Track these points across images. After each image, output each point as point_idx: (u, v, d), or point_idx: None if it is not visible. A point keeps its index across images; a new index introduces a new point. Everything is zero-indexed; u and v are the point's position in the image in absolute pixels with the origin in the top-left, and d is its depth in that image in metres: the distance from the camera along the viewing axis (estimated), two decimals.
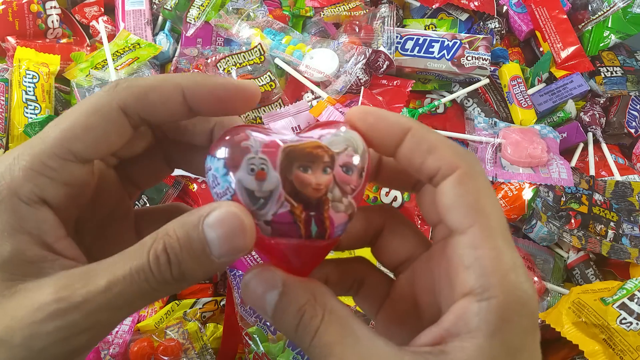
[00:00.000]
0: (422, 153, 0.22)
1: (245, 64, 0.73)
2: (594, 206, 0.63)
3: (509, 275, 0.20)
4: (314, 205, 0.21)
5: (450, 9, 0.84)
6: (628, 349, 0.48)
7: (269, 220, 0.21)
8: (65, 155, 0.21)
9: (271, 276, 0.22)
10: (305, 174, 0.21)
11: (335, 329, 0.20)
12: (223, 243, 0.20)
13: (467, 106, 0.77)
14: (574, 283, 0.64)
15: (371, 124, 0.23)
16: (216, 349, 0.55)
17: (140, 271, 0.20)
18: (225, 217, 0.20)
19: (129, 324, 0.53)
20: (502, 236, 0.21)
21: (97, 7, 0.83)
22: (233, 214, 0.20)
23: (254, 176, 0.20)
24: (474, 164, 0.22)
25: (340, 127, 0.22)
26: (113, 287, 0.20)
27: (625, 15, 0.82)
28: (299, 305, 0.21)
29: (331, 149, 0.21)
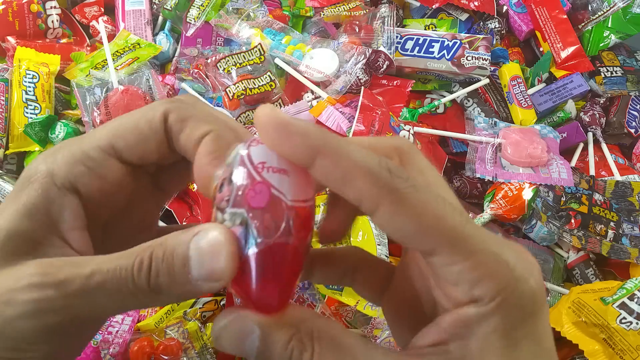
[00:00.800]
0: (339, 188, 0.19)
1: (245, 64, 0.73)
2: (594, 206, 0.64)
3: (500, 273, 0.19)
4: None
5: (450, 9, 0.84)
6: (628, 348, 0.48)
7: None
8: (107, 149, 0.23)
9: (243, 321, 0.20)
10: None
11: (330, 355, 0.19)
12: (203, 265, 0.19)
13: (467, 106, 0.77)
14: (574, 283, 0.64)
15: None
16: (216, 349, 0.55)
17: (124, 270, 0.20)
18: (213, 240, 0.19)
19: (129, 323, 0.53)
20: (466, 236, 0.19)
21: (97, 7, 0.83)
22: (220, 240, 0.19)
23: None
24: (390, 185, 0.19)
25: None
26: (95, 275, 0.20)
27: (625, 15, 0.82)
28: (284, 344, 0.19)
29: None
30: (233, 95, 0.69)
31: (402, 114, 0.72)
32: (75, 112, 0.71)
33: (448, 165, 0.72)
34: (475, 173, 0.67)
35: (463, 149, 0.72)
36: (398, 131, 0.65)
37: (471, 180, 0.69)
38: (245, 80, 0.70)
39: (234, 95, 0.69)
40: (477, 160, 0.68)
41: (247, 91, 0.69)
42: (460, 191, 0.70)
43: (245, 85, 0.70)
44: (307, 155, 0.19)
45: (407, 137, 0.66)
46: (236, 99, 0.69)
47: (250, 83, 0.70)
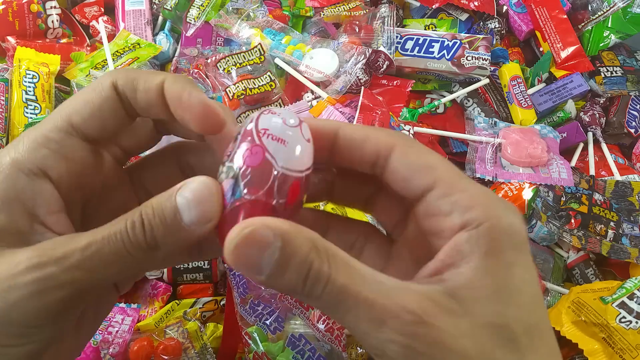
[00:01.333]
0: (358, 144, 0.24)
1: (245, 64, 0.73)
2: (594, 206, 0.64)
3: (489, 205, 0.21)
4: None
5: (450, 9, 0.84)
6: (627, 347, 0.48)
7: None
8: (65, 128, 0.23)
9: (265, 232, 0.19)
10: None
11: (344, 272, 0.20)
12: (192, 208, 0.21)
13: (467, 106, 0.77)
14: (574, 283, 0.64)
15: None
16: (216, 348, 0.55)
17: (118, 233, 0.21)
18: (195, 186, 0.21)
19: (129, 323, 0.53)
20: (464, 177, 0.22)
21: (97, 7, 0.83)
22: (203, 182, 0.21)
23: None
24: (405, 137, 0.24)
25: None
26: (92, 245, 0.21)
27: (625, 15, 0.82)
28: (304, 256, 0.19)
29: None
30: (233, 95, 0.69)
31: (402, 114, 0.72)
32: None
33: None
34: (475, 173, 0.67)
35: (463, 149, 0.72)
36: (398, 131, 0.65)
37: None
38: (245, 80, 0.70)
39: (234, 95, 0.69)
40: (477, 160, 0.68)
41: (247, 91, 0.69)
42: None
43: (245, 85, 0.70)
44: (332, 132, 0.24)
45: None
46: (236, 99, 0.69)
47: (250, 83, 0.70)
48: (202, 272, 0.61)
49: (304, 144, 0.23)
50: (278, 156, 0.22)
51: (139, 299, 0.60)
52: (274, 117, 0.23)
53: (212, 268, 0.61)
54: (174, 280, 0.61)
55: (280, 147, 0.22)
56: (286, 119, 0.23)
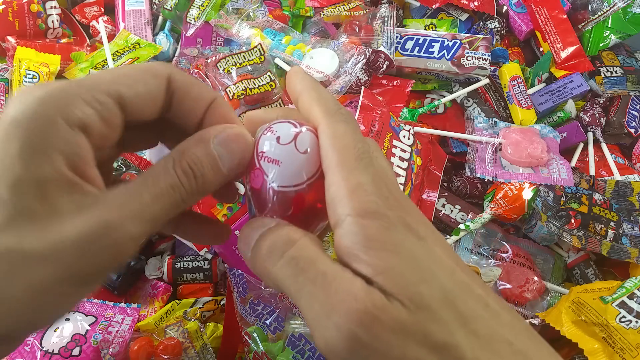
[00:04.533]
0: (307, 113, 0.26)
1: (245, 64, 0.73)
2: (594, 206, 0.63)
3: (354, 195, 0.22)
4: None
5: (450, 9, 0.84)
6: (627, 346, 0.48)
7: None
8: (114, 96, 0.23)
9: (265, 220, 0.25)
10: None
11: (312, 251, 0.22)
12: (232, 158, 0.25)
13: (467, 106, 0.77)
14: (574, 283, 0.64)
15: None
16: (216, 348, 0.55)
17: (175, 186, 0.23)
18: (230, 136, 0.25)
19: (129, 323, 0.53)
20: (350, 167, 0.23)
21: (97, 7, 0.84)
22: (238, 134, 0.25)
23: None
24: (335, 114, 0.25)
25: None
26: (157, 200, 0.23)
27: (625, 15, 0.82)
28: (284, 231, 0.23)
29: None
30: (233, 95, 0.69)
31: (402, 114, 0.72)
32: None
33: (448, 165, 0.72)
34: (475, 173, 0.67)
35: (463, 149, 0.72)
36: (398, 131, 0.65)
37: (471, 180, 0.69)
38: (245, 80, 0.70)
39: (234, 95, 0.69)
40: (477, 160, 0.68)
41: (247, 91, 0.69)
42: (461, 191, 0.70)
43: (245, 85, 0.70)
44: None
45: (407, 137, 0.66)
46: (236, 99, 0.69)
47: (250, 83, 0.70)
48: (202, 272, 0.61)
49: (298, 158, 0.24)
50: (274, 177, 0.24)
51: (139, 298, 0.60)
52: (270, 136, 0.25)
53: (212, 268, 0.61)
54: (174, 280, 0.61)
55: (275, 168, 0.25)
56: (281, 136, 0.25)
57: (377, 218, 0.21)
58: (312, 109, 0.25)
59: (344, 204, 0.22)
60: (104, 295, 0.58)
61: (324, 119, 0.24)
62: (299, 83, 0.27)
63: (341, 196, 0.22)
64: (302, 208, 0.25)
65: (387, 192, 0.23)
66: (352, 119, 0.25)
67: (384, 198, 0.22)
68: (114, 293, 0.58)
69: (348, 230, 0.21)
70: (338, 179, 0.22)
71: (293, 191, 0.25)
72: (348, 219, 0.21)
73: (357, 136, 0.24)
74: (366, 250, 0.21)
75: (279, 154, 0.25)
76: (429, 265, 0.21)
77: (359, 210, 0.21)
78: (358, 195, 0.22)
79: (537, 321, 0.55)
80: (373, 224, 0.21)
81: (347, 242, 0.21)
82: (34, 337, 0.50)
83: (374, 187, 0.22)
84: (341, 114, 0.25)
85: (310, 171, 0.25)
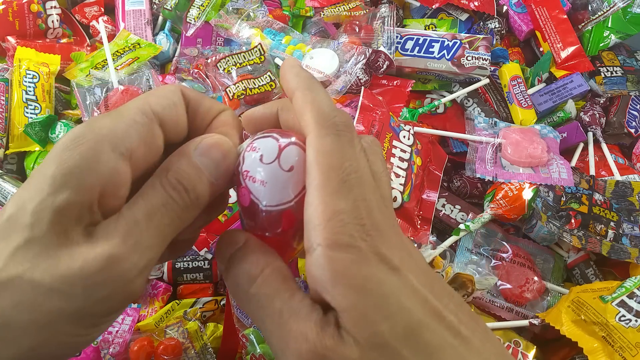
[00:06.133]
0: (300, 116, 0.25)
1: (245, 64, 0.73)
2: (594, 206, 0.63)
3: (328, 224, 0.21)
4: None
5: (450, 9, 0.84)
6: (627, 345, 0.48)
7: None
8: (149, 114, 0.24)
9: (237, 235, 0.25)
10: None
11: (272, 283, 0.23)
12: (217, 166, 0.24)
13: (467, 106, 0.77)
14: (574, 283, 0.64)
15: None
16: (216, 348, 0.55)
17: (167, 203, 0.23)
18: (210, 145, 0.24)
19: (129, 323, 0.53)
20: (332, 190, 0.22)
21: (97, 7, 0.84)
22: (217, 142, 0.25)
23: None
24: (327, 127, 0.23)
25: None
26: (151, 222, 0.22)
27: (625, 15, 0.82)
28: (249, 257, 0.24)
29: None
30: (233, 95, 0.69)
31: (402, 114, 0.72)
32: (76, 112, 0.71)
33: (448, 165, 0.72)
34: (475, 173, 0.67)
35: (463, 149, 0.72)
36: (398, 131, 0.65)
37: (471, 180, 0.69)
38: (245, 80, 0.70)
39: (234, 95, 0.69)
40: (477, 160, 0.68)
41: (247, 91, 0.69)
42: (461, 191, 0.70)
43: (245, 85, 0.70)
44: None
45: (407, 137, 0.66)
46: (236, 99, 0.69)
47: (250, 83, 0.70)
48: (202, 272, 0.61)
49: (283, 177, 0.24)
50: (260, 196, 0.24)
51: (139, 299, 0.60)
52: (254, 155, 0.24)
53: (212, 268, 0.61)
54: (174, 280, 0.61)
55: (261, 188, 0.24)
56: (264, 154, 0.24)
57: (348, 252, 0.21)
58: (305, 114, 0.24)
59: (317, 233, 0.21)
60: None
61: (314, 130, 0.23)
62: (294, 79, 0.25)
63: (316, 222, 0.21)
64: (292, 225, 0.24)
65: (367, 217, 0.21)
66: (346, 129, 0.23)
67: (360, 227, 0.21)
68: None
69: (317, 261, 0.21)
70: (317, 202, 0.21)
71: (280, 210, 0.24)
72: (319, 249, 0.21)
73: (347, 153, 0.23)
74: (333, 285, 0.21)
75: (263, 173, 0.24)
76: (396, 299, 0.21)
77: (330, 242, 0.21)
78: (332, 224, 0.21)
79: (537, 321, 0.55)
80: (342, 258, 0.21)
81: (315, 273, 0.21)
82: None
83: (352, 215, 0.21)
84: (334, 124, 0.23)
85: (297, 187, 0.24)
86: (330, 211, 0.21)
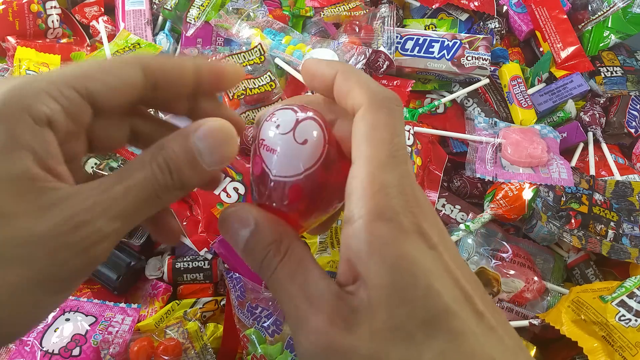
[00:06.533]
0: (345, 94, 0.25)
1: (245, 64, 0.73)
2: (594, 206, 0.63)
3: (375, 196, 0.21)
4: None
5: (450, 9, 0.84)
6: (627, 345, 0.48)
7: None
8: (80, 90, 0.22)
9: (246, 214, 0.24)
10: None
11: (289, 268, 0.23)
12: (212, 153, 0.23)
13: (467, 106, 0.77)
14: (574, 283, 0.64)
15: (312, 74, 0.27)
16: (216, 348, 0.55)
17: (149, 179, 0.22)
18: (211, 130, 0.23)
19: (129, 323, 0.53)
20: (380, 163, 0.22)
21: (97, 7, 0.84)
22: (219, 127, 0.23)
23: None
24: (380, 100, 0.23)
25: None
26: (128, 193, 0.22)
27: (625, 15, 0.82)
28: (266, 243, 0.24)
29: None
30: (233, 95, 0.69)
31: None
32: None
33: (448, 165, 0.72)
34: (475, 173, 0.67)
35: (463, 149, 0.72)
36: None
37: (471, 180, 0.69)
38: (245, 80, 0.70)
39: (234, 95, 0.69)
40: (477, 160, 0.68)
41: (247, 91, 0.69)
42: (461, 191, 0.70)
43: (245, 85, 0.70)
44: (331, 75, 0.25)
45: (407, 137, 0.66)
46: (236, 99, 0.69)
47: (250, 83, 0.70)
48: (202, 272, 0.61)
49: (296, 149, 0.24)
50: (271, 166, 0.24)
51: (139, 299, 0.60)
52: (271, 124, 0.25)
53: (212, 268, 0.61)
54: (174, 280, 0.61)
55: (273, 157, 0.24)
56: (281, 124, 0.24)
57: (389, 225, 0.21)
58: (353, 91, 0.24)
59: (361, 205, 0.21)
60: (104, 296, 0.58)
61: (367, 103, 0.23)
62: (327, 68, 0.25)
63: (360, 194, 0.21)
64: (299, 199, 0.25)
65: (411, 193, 0.22)
66: (397, 106, 0.24)
67: (404, 201, 0.21)
68: (114, 293, 0.58)
69: (357, 232, 0.21)
70: (363, 174, 0.22)
71: (289, 182, 0.24)
72: (360, 220, 0.21)
73: (398, 128, 0.23)
74: (368, 257, 0.21)
75: (276, 143, 0.24)
76: (426, 281, 0.21)
77: (374, 214, 0.21)
78: (379, 197, 0.21)
79: (537, 321, 0.55)
80: (383, 231, 0.21)
81: (353, 243, 0.21)
82: (34, 337, 0.50)
83: (398, 190, 0.21)
84: (387, 98, 0.23)
85: (308, 162, 0.24)
86: (378, 183, 0.21)
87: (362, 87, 0.24)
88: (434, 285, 0.21)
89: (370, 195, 0.21)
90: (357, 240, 0.21)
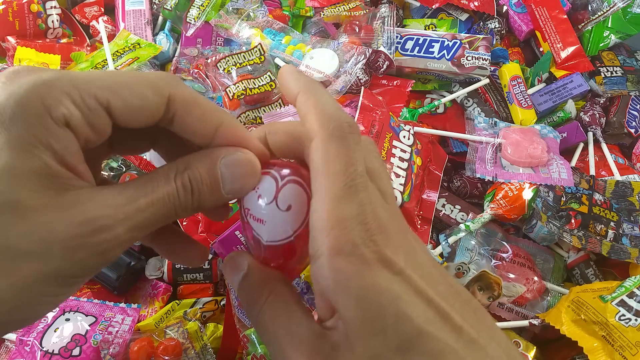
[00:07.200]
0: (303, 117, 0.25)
1: (245, 64, 0.73)
2: (594, 206, 0.63)
3: (332, 231, 0.21)
4: None
5: (450, 9, 0.84)
6: (627, 344, 0.48)
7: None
8: (103, 104, 0.22)
9: (241, 260, 0.26)
10: None
11: (273, 310, 0.24)
12: (235, 181, 0.25)
13: (467, 106, 0.77)
14: (574, 283, 0.64)
15: (282, 86, 0.27)
16: (216, 348, 0.55)
17: (171, 196, 0.23)
18: (239, 161, 0.25)
19: (129, 323, 0.53)
20: (335, 196, 0.22)
21: (97, 7, 0.84)
22: (247, 159, 0.25)
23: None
24: (332, 130, 0.23)
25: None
26: (150, 207, 0.23)
27: (625, 15, 0.82)
28: (254, 287, 0.25)
29: None
30: (233, 95, 0.69)
31: (402, 114, 0.72)
32: None
33: (448, 165, 0.72)
34: (475, 173, 0.67)
35: (463, 149, 0.72)
36: (398, 131, 0.65)
37: (471, 180, 0.69)
38: (245, 80, 0.70)
39: (234, 95, 0.69)
40: (477, 160, 0.68)
41: (247, 91, 0.69)
42: (461, 191, 0.70)
43: (245, 85, 0.70)
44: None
45: (407, 137, 0.66)
46: (236, 99, 0.69)
47: (250, 83, 0.70)
48: (202, 272, 0.61)
49: (282, 216, 0.25)
50: (261, 233, 0.25)
51: (139, 299, 0.60)
52: (254, 195, 0.25)
53: (212, 268, 0.61)
54: (174, 280, 0.61)
55: (261, 226, 0.25)
56: (262, 194, 0.25)
57: (350, 260, 0.21)
58: (309, 115, 0.24)
59: (321, 240, 0.21)
60: (104, 295, 0.58)
61: (320, 133, 0.23)
62: (294, 83, 0.25)
63: (320, 230, 0.21)
64: (293, 256, 0.26)
65: (373, 220, 0.21)
66: (350, 131, 0.23)
67: (364, 231, 0.21)
68: (114, 293, 0.58)
69: (321, 269, 0.21)
70: (322, 209, 0.22)
71: (281, 245, 0.25)
72: (322, 257, 0.21)
73: (352, 156, 0.22)
74: (335, 294, 0.21)
75: (261, 213, 0.25)
76: (395, 309, 0.20)
77: (333, 250, 0.21)
78: (336, 232, 0.21)
79: (537, 321, 0.55)
80: (344, 267, 0.21)
81: (320, 281, 0.22)
82: (34, 337, 0.50)
83: (357, 220, 0.21)
84: (339, 126, 0.23)
85: (295, 225, 0.25)
86: (334, 218, 0.21)
87: (317, 113, 0.24)
88: (405, 311, 0.20)
89: (328, 230, 0.21)
90: (322, 277, 0.21)
